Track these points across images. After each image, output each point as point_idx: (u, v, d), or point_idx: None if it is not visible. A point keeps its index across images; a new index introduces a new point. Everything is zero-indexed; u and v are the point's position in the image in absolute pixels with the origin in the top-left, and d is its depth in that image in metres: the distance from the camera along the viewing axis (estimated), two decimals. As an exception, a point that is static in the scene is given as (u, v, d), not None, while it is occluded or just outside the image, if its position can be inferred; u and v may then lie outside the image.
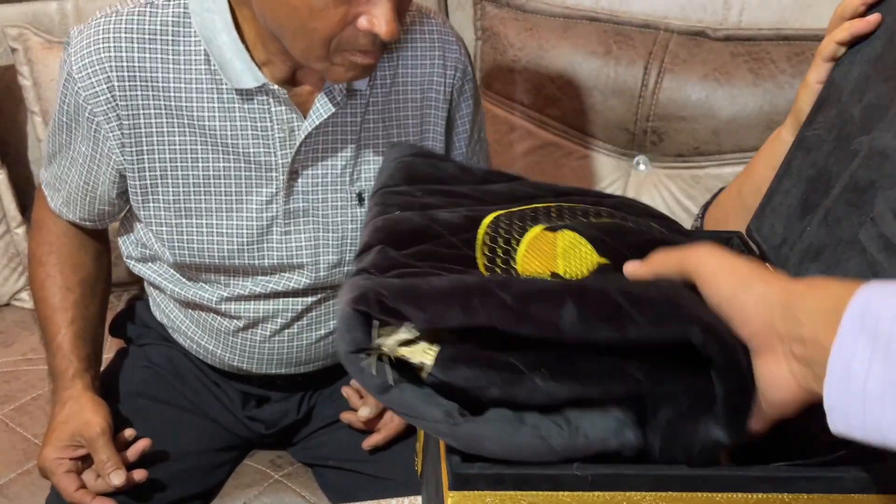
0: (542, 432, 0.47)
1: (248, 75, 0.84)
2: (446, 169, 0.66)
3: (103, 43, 0.84)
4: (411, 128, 0.96)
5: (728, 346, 0.45)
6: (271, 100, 0.86)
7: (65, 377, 0.95)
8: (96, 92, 0.85)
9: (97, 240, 1.02)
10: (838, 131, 0.64)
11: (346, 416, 1.00)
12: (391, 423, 0.99)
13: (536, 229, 0.56)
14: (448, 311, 0.44)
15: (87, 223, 0.98)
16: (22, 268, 1.31)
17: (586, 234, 0.56)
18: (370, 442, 0.98)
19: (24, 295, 1.32)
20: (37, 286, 1.01)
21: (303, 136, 0.88)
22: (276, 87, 0.85)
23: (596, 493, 0.47)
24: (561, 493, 0.47)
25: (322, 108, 0.87)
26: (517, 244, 0.55)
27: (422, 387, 0.46)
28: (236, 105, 0.87)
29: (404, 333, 0.44)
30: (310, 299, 0.97)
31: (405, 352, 0.44)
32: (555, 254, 0.54)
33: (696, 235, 0.76)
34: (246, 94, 0.86)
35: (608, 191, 1.28)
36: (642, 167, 1.28)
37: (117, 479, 0.86)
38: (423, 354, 0.44)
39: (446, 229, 0.55)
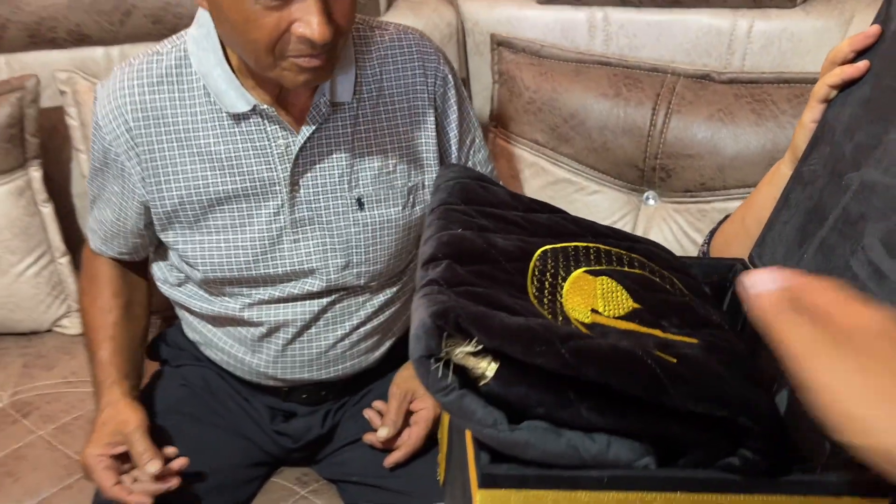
0: (576, 444, 0.51)
1: (241, 100, 0.91)
2: (497, 193, 0.71)
3: (119, 91, 0.92)
4: (402, 135, 1.00)
5: (760, 419, 0.50)
6: (264, 120, 0.92)
7: (104, 386, 1.01)
8: (117, 135, 0.93)
9: (135, 271, 1.10)
10: (832, 167, 0.68)
11: (368, 437, 1.05)
12: (409, 441, 1.03)
13: (579, 271, 0.62)
14: (512, 347, 0.49)
15: (125, 256, 1.06)
16: (64, 296, 1.36)
17: (622, 283, 0.62)
18: (391, 459, 1.02)
19: (66, 322, 1.37)
20: (83, 312, 1.09)
21: (297, 150, 0.93)
22: (265, 106, 0.91)
23: (611, 493, 0.52)
24: (579, 492, 0.51)
25: (311, 122, 0.93)
26: (563, 280, 0.61)
27: (477, 395, 0.50)
28: (236, 129, 0.93)
29: (471, 347, 0.49)
30: (324, 301, 1.01)
31: (471, 362, 0.49)
32: (595, 294, 0.60)
33: (704, 263, 0.81)
34: (242, 118, 0.92)
35: (619, 224, 1.30)
36: (651, 202, 1.30)
37: (153, 467, 0.91)
38: (485, 367, 0.49)
39: (502, 256, 0.60)
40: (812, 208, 0.69)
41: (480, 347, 0.49)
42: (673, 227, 1.28)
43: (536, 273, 0.60)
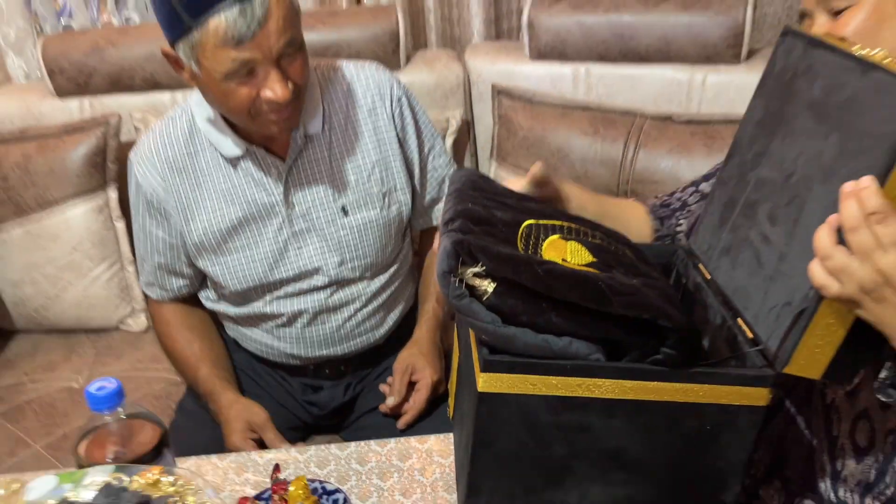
0: (548, 340, 0.71)
1: (236, 146, 1.12)
2: (497, 186, 0.92)
3: (147, 152, 1.15)
4: (371, 151, 1.19)
5: (674, 321, 0.70)
6: (257, 157, 1.13)
7: (216, 392, 1.19)
8: (154, 186, 1.15)
9: (194, 304, 1.30)
10: (739, 170, 0.88)
11: (381, 407, 1.23)
12: (415, 405, 1.20)
13: (555, 237, 0.83)
14: (504, 267, 0.69)
15: (184, 290, 1.26)
16: (129, 298, 1.58)
17: (585, 245, 0.83)
18: (403, 421, 1.20)
19: (130, 321, 1.59)
20: (169, 354, 1.28)
21: (285, 176, 1.14)
22: (255, 147, 1.12)
23: (573, 378, 0.71)
24: (551, 377, 0.72)
25: (291, 153, 1.13)
26: (542, 242, 0.81)
27: (480, 303, 0.70)
28: (237, 169, 1.14)
29: (477, 269, 0.69)
30: (329, 291, 1.21)
31: (476, 281, 0.70)
32: (565, 251, 0.80)
33: (654, 247, 1.01)
34: (240, 159, 1.14)
35: None
36: (623, 220, 1.50)
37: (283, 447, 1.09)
38: (487, 285, 0.70)
39: (500, 223, 0.81)
40: (727, 201, 0.90)
41: (483, 270, 0.71)
42: (639, 237, 1.48)
43: (523, 236, 0.82)
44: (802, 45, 0.80)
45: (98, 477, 0.63)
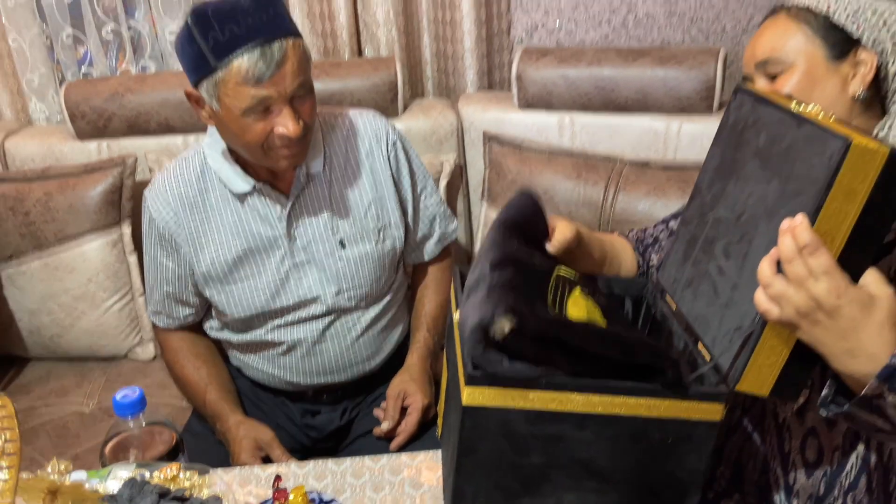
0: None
1: (244, 183, 1.20)
2: (540, 225, 0.97)
3: (161, 189, 1.23)
4: (368, 190, 1.27)
5: (664, 361, 0.78)
6: (263, 194, 1.21)
7: (224, 414, 1.25)
8: (167, 220, 1.23)
9: (199, 333, 1.37)
10: (700, 211, 0.96)
11: (376, 431, 1.29)
12: (406, 428, 1.26)
13: (576, 292, 0.89)
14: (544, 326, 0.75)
15: (190, 318, 1.32)
16: (139, 328, 1.65)
17: (598, 303, 0.90)
18: (395, 443, 1.26)
19: (139, 350, 1.65)
20: (177, 381, 1.34)
21: (287, 212, 1.22)
22: (261, 184, 1.20)
23: (547, 393, 0.78)
24: (528, 391, 0.78)
25: (294, 190, 1.21)
26: (567, 296, 0.87)
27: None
28: (244, 204, 1.22)
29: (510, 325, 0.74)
30: (326, 320, 1.28)
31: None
32: (585, 309, 0.86)
33: (623, 281, 1.07)
34: (247, 195, 1.22)
35: None
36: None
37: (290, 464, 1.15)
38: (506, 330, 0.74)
39: (537, 269, 0.86)
40: (689, 239, 0.98)
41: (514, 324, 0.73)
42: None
43: (552, 288, 0.88)
44: (751, 101, 0.90)
45: (122, 472, 0.71)
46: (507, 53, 1.95)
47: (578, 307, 0.87)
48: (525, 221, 0.94)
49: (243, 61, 1.04)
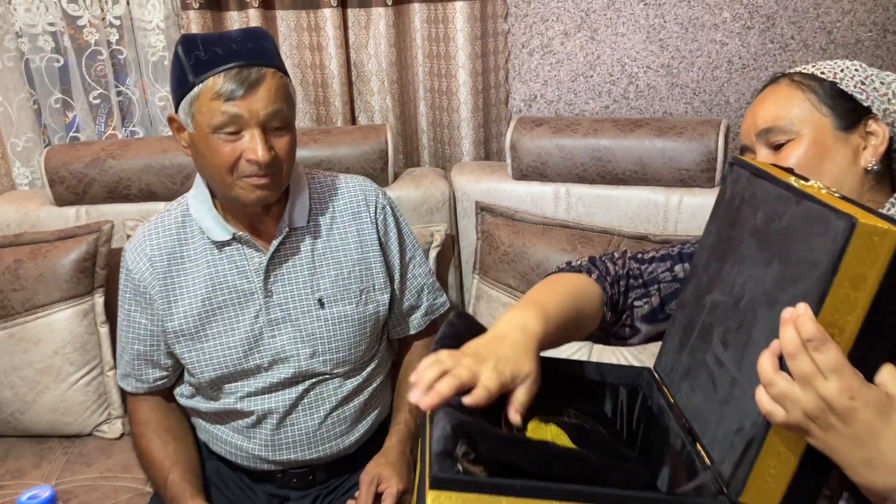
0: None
1: (224, 231, 1.18)
2: None
3: (140, 241, 1.21)
4: (353, 250, 1.24)
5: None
6: (242, 244, 1.19)
7: (184, 498, 1.18)
8: (142, 270, 1.20)
9: (170, 401, 1.31)
10: (696, 294, 0.90)
11: None
12: None
13: (533, 422, 0.81)
14: (503, 450, 0.70)
15: (160, 382, 1.26)
16: (107, 404, 1.57)
17: (564, 427, 0.82)
18: None
19: (105, 427, 1.56)
20: (142, 454, 1.27)
21: (266, 264, 1.18)
22: (240, 233, 1.18)
23: (522, 499, 0.70)
24: (501, 497, 0.70)
25: (275, 242, 1.18)
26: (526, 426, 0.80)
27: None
28: (222, 254, 1.19)
29: (472, 456, 0.70)
30: (300, 388, 1.22)
31: (471, 467, 0.71)
32: (547, 435, 0.79)
33: (618, 369, 1.02)
34: (226, 245, 1.19)
35: (576, 353, 1.49)
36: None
37: None
38: (480, 472, 0.70)
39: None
40: (686, 324, 0.91)
41: (475, 456, 0.70)
42: (615, 350, 1.47)
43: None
44: (747, 175, 0.84)
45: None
46: (504, 123, 1.94)
47: (539, 434, 0.80)
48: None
49: (219, 78, 1.07)
